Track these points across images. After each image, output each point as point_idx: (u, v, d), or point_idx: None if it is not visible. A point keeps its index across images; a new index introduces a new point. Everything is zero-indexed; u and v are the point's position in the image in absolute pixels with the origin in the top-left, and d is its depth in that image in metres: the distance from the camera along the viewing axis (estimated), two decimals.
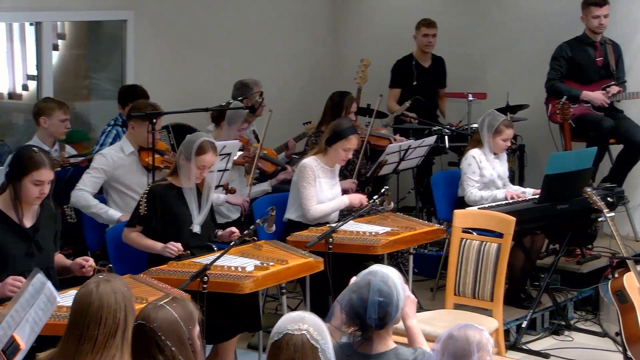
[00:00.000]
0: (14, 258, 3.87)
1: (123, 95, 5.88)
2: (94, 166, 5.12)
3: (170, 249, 4.44)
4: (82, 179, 5.10)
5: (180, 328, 2.73)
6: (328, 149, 5.28)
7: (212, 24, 7.22)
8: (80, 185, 5.07)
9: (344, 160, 5.35)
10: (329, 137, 5.30)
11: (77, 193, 5.06)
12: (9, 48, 6.75)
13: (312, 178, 5.23)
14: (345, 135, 5.24)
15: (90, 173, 5.11)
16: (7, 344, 3.08)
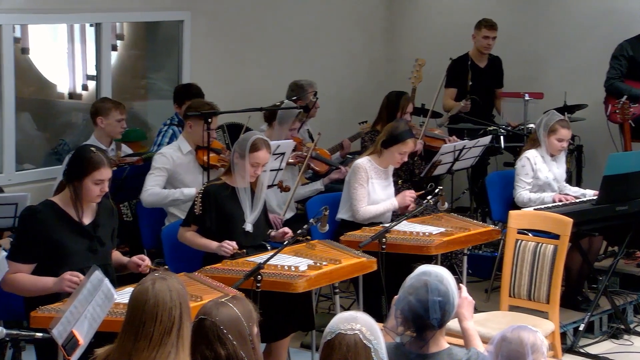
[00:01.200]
0: (74, 255, 3.93)
1: (178, 95, 5.95)
2: (155, 166, 5.19)
3: (225, 247, 4.47)
4: (147, 180, 5.15)
5: (242, 324, 2.75)
6: (383, 151, 5.27)
7: (267, 24, 7.26)
8: (147, 186, 5.13)
9: (399, 163, 5.33)
10: (385, 139, 5.28)
11: (147, 192, 5.12)
12: (69, 49, 6.88)
13: (365, 179, 5.22)
14: (402, 139, 5.21)
15: (153, 173, 5.17)
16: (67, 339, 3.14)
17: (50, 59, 6.84)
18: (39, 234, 3.89)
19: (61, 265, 3.91)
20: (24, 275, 3.89)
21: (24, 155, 6.22)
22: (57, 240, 3.91)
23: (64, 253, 3.92)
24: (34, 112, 6.58)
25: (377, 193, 5.26)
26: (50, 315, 3.53)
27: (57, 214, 3.94)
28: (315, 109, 6.28)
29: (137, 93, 7.18)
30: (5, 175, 5.86)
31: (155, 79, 7.16)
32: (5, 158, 5.86)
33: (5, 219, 4.67)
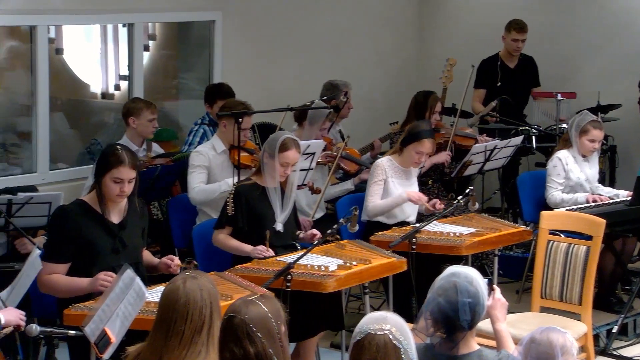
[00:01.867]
0: (101, 253, 3.97)
1: (209, 94, 5.98)
2: (194, 164, 5.21)
3: (260, 252, 4.46)
4: (190, 179, 5.17)
5: (271, 322, 2.76)
6: (403, 150, 5.24)
7: (298, 25, 7.27)
8: (193, 185, 5.16)
9: (416, 164, 5.25)
10: (404, 137, 5.26)
11: (195, 190, 5.14)
12: (102, 49, 6.94)
13: (381, 177, 5.18)
14: (419, 138, 5.15)
15: (195, 171, 5.20)
16: (99, 337, 3.18)
17: (84, 59, 6.91)
18: (70, 232, 3.93)
19: (91, 264, 3.95)
20: (60, 277, 3.92)
21: (58, 154, 6.29)
22: (87, 238, 3.95)
23: (93, 252, 3.96)
24: (67, 112, 6.65)
25: (397, 192, 5.21)
26: (83, 313, 3.56)
27: (87, 212, 3.98)
28: (348, 110, 6.26)
29: (169, 93, 7.23)
30: (39, 174, 5.93)
31: (187, 78, 7.21)
32: (39, 157, 5.93)
33: (39, 217, 4.73)
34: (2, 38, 6.26)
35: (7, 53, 6.28)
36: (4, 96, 6.34)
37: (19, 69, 6.20)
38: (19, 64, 6.19)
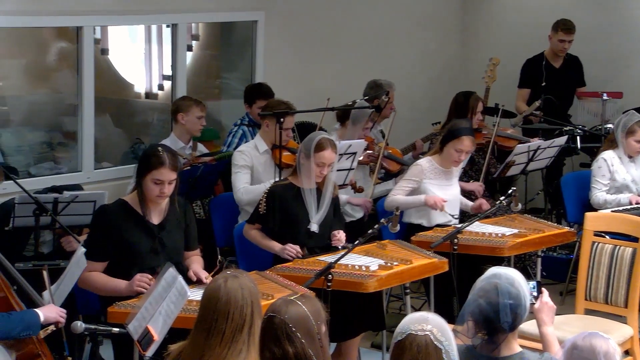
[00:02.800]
0: (141, 254, 4.00)
1: (249, 94, 6.01)
2: (238, 164, 5.23)
3: (289, 251, 4.47)
4: (235, 180, 5.20)
5: (310, 322, 2.76)
6: (442, 149, 5.20)
7: (341, 25, 7.27)
8: (238, 185, 5.18)
9: (456, 162, 5.20)
10: (444, 136, 5.22)
11: (241, 191, 5.16)
12: (146, 49, 7.01)
13: (415, 178, 5.15)
14: (457, 135, 5.09)
15: (239, 172, 5.22)
16: (142, 335, 3.21)
17: (128, 59, 6.98)
18: (109, 232, 3.98)
19: (130, 265, 3.98)
20: (99, 275, 3.98)
21: (102, 154, 6.37)
22: (126, 238, 3.99)
23: (132, 252, 3.99)
24: (112, 112, 6.73)
25: (434, 193, 5.17)
26: (126, 311, 3.60)
27: (127, 212, 4.02)
28: (389, 110, 6.24)
29: (211, 93, 7.27)
30: (84, 173, 6.01)
31: (229, 78, 7.25)
32: (84, 157, 6.00)
33: (84, 216, 4.79)
34: (50, 39, 6.36)
35: (56, 54, 6.38)
36: (51, 96, 6.44)
37: (66, 70, 6.30)
38: (66, 65, 6.28)
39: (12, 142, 6.04)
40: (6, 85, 6.24)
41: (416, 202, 5.14)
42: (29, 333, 3.51)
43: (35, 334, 3.55)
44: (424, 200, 5.09)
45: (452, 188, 5.28)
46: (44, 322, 3.56)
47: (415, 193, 5.20)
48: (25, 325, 3.50)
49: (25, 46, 6.34)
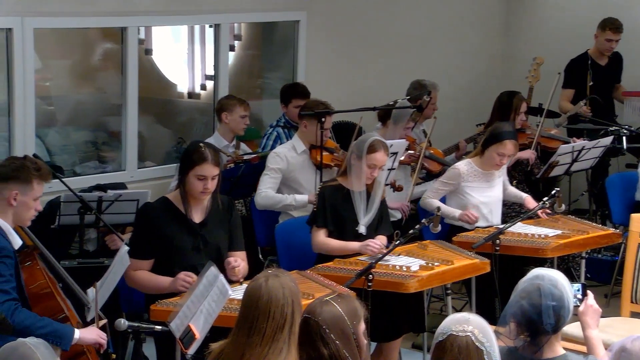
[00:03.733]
0: (182, 251, 4.02)
1: (285, 94, 6.03)
2: (270, 166, 5.26)
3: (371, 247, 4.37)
4: (262, 180, 5.23)
5: (345, 323, 2.76)
6: (484, 152, 5.15)
7: (383, 24, 7.25)
8: (262, 187, 5.21)
9: (498, 166, 5.14)
10: (485, 139, 5.17)
11: (260, 195, 5.20)
12: (189, 50, 7.07)
13: (452, 182, 5.13)
14: (500, 139, 5.04)
15: (268, 174, 5.25)
16: (184, 333, 3.24)
17: (171, 59, 7.05)
18: (152, 230, 4.01)
19: (172, 262, 4.01)
20: (144, 273, 4.02)
21: (146, 153, 6.44)
22: (168, 236, 4.01)
23: (174, 250, 4.02)
24: (155, 111, 6.80)
25: (473, 197, 5.13)
26: (169, 309, 3.64)
27: (170, 210, 4.04)
28: (431, 110, 6.21)
29: (253, 92, 7.30)
30: (127, 172, 6.08)
31: (271, 78, 7.27)
32: (128, 156, 6.07)
33: (127, 214, 4.84)
34: (96, 40, 6.45)
35: (101, 54, 6.47)
36: (96, 96, 6.52)
37: (111, 70, 6.38)
38: (111, 65, 6.36)
39: (58, 141, 6.13)
40: (53, 85, 6.33)
41: (449, 215, 5.11)
42: (56, 341, 3.48)
43: (63, 347, 3.53)
44: (457, 217, 5.07)
45: (493, 190, 5.23)
46: (78, 341, 3.55)
47: (453, 196, 5.17)
48: (53, 331, 3.49)
49: (71, 47, 6.43)
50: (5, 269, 3.45)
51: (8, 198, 3.54)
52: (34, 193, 3.59)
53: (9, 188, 3.54)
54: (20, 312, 3.43)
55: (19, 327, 3.39)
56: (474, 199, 5.15)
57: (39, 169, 3.60)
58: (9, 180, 3.54)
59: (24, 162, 3.60)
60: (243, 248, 4.22)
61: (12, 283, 3.48)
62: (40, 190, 3.63)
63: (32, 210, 3.62)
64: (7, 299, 3.41)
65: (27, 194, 3.56)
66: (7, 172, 3.56)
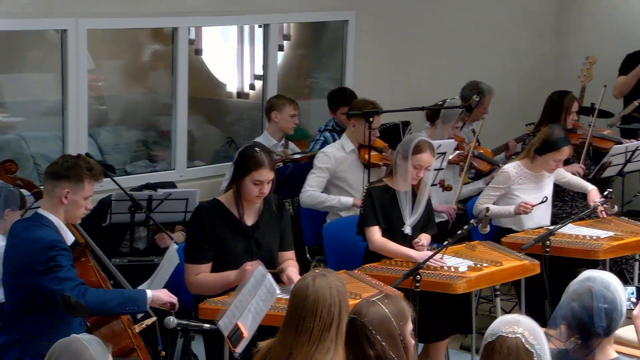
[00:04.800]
0: (235, 255, 4.03)
1: (332, 100, 6.04)
2: (317, 165, 5.27)
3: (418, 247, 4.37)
4: (308, 179, 5.25)
5: (391, 324, 2.76)
6: (537, 158, 5.08)
7: (432, 24, 7.22)
8: (307, 186, 5.23)
9: (552, 170, 5.11)
10: (539, 146, 5.09)
11: (305, 194, 5.22)
12: (239, 49, 7.12)
13: (502, 185, 5.08)
14: (557, 147, 5.00)
15: (315, 173, 5.26)
16: (232, 331, 3.26)
17: (221, 59, 7.10)
18: (206, 233, 4.01)
19: (225, 265, 4.01)
20: (208, 275, 4.00)
21: (195, 152, 6.50)
22: (221, 239, 4.02)
23: (227, 252, 4.02)
24: (204, 111, 6.86)
25: (522, 199, 5.05)
26: (217, 308, 3.66)
27: (222, 213, 4.05)
28: (481, 113, 6.15)
29: (302, 92, 7.32)
30: (177, 171, 6.14)
31: (319, 78, 7.28)
32: (177, 155, 6.13)
33: (177, 213, 4.90)
34: (147, 40, 6.53)
35: (151, 54, 6.55)
36: (147, 96, 6.60)
37: (161, 70, 6.45)
38: (162, 65, 6.43)
39: (110, 140, 6.22)
40: (105, 85, 6.43)
41: (505, 213, 5.07)
42: (132, 307, 3.57)
43: (141, 309, 3.61)
44: (513, 212, 5.03)
45: (542, 192, 5.16)
46: (153, 300, 3.60)
47: (503, 199, 5.12)
48: (126, 299, 3.56)
49: (123, 47, 6.53)
50: (64, 260, 3.52)
51: (60, 196, 3.60)
52: (85, 192, 3.64)
53: (61, 186, 3.60)
54: (89, 293, 3.49)
55: (93, 306, 3.46)
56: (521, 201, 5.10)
57: (91, 169, 3.65)
58: (62, 179, 3.60)
59: (77, 161, 3.65)
60: (293, 248, 4.22)
61: (73, 271, 3.55)
62: (91, 189, 3.68)
63: (82, 209, 3.67)
64: (75, 285, 3.48)
65: (78, 193, 3.61)
66: (60, 171, 3.62)
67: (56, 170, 3.62)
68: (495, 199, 5.12)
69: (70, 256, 3.57)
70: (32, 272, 3.50)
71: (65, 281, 3.47)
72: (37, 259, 3.49)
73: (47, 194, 3.64)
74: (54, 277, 3.47)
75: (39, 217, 3.61)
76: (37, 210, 3.69)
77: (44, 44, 5.93)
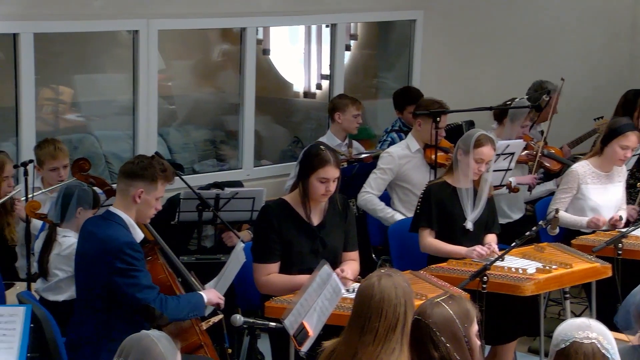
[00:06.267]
0: (301, 254, 4.04)
1: (398, 100, 6.02)
2: (381, 166, 5.25)
3: (479, 253, 4.34)
4: (369, 180, 5.24)
5: (455, 325, 2.73)
6: (604, 150, 4.96)
7: (502, 22, 7.12)
8: (367, 188, 5.22)
9: (621, 161, 4.96)
10: (605, 135, 4.98)
11: (364, 196, 5.21)
12: (306, 49, 7.15)
13: (570, 185, 4.98)
14: (622, 132, 4.87)
15: (376, 174, 5.24)
16: (298, 330, 3.27)
17: (288, 59, 7.14)
18: (274, 232, 4.02)
19: (290, 265, 4.03)
20: (278, 276, 4.01)
21: (262, 151, 6.55)
22: (287, 239, 4.03)
23: (292, 252, 4.03)
24: (271, 111, 6.91)
25: (591, 199, 4.97)
26: (283, 306, 3.68)
27: (288, 212, 4.05)
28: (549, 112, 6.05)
29: (368, 92, 7.32)
30: (244, 170, 6.20)
31: (386, 78, 7.26)
32: (244, 154, 6.19)
33: (243, 212, 4.94)
34: (215, 40, 6.61)
35: (220, 54, 6.62)
36: (216, 95, 6.68)
37: (230, 70, 6.52)
38: (230, 65, 6.50)
39: (179, 139, 6.31)
40: (174, 85, 6.53)
41: (577, 224, 4.99)
42: (196, 314, 3.71)
43: (201, 314, 3.74)
44: (585, 225, 4.94)
45: (612, 192, 5.05)
46: (207, 304, 3.73)
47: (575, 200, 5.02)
48: (193, 306, 3.68)
49: (192, 47, 6.62)
50: (142, 264, 3.60)
51: (133, 195, 3.66)
52: (157, 192, 3.70)
53: (135, 185, 3.66)
54: (168, 303, 3.59)
55: (172, 316, 3.58)
56: (592, 202, 5.00)
57: (164, 170, 3.72)
58: (136, 178, 3.66)
59: (151, 162, 3.72)
60: (357, 248, 4.21)
61: (149, 276, 3.63)
62: (162, 190, 3.74)
63: (153, 209, 3.73)
64: (156, 295, 3.57)
65: (151, 193, 3.68)
66: (135, 170, 3.68)
67: (131, 170, 3.69)
68: (567, 202, 5.02)
69: (142, 257, 3.64)
70: (105, 269, 3.57)
71: (146, 289, 3.55)
72: (112, 257, 3.56)
73: (121, 192, 3.71)
74: (134, 283, 3.54)
75: (111, 215, 3.69)
76: (108, 208, 3.76)
77: (116, 45, 6.05)
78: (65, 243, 4.10)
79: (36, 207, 4.23)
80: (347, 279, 3.91)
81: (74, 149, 5.68)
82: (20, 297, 3.95)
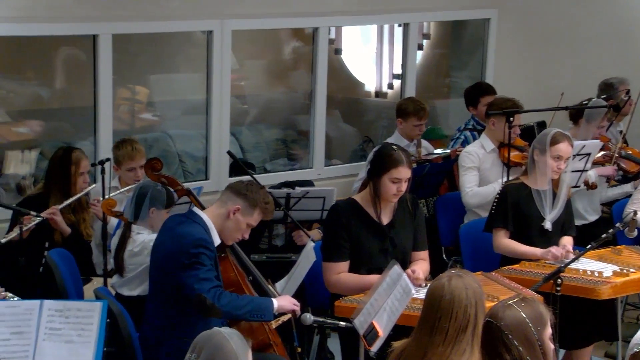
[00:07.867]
0: (371, 254, 4.02)
1: (469, 96, 5.94)
2: (466, 166, 5.19)
3: (553, 253, 4.27)
4: (463, 181, 5.16)
5: (528, 328, 2.69)
6: None
7: (578, 20, 6.98)
8: (466, 187, 5.15)
9: None
10: None
11: (468, 195, 5.13)
12: (378, 49, 7.14)
13: None
14: None
15: (466, 173, 5.19)
16: (368, 330, 3.26)
17: (360, 58, 7.14)
18: (344, 231, 4.01)
19: (359, 264, 4.01)
20: (349, 276, 4.00)
21: (332, 151, 6.56)
22: (356, 238, 4.01)
23: (362, 252, 4.02)
24: (342, 110, 6.91)
25: None
26: (353, 306, 3.67)
27: (357, 212, 4.04)
28: (629, 107, 5.91)
29: (440, 92, 7.26)
30: (315, 169, 6.22)
31: (459, 77, 7.20)
32: (315, 153, 6.21)
33: (314, 211, 4.95)
34: (287, 40, 6.65)
35: (291, 54, 6.66)
36: (287, 94, 6.72)
37: (301, 69, 6.55)
38: (302, 64, 6.53)
39: (251, 138, 6.37)
40: (247, 84, 6.59)
41: None
42: (259, 316, 3.66)
43: (267, 319, 3.71)
44: None
45: None
46: (278, 310, 3.71)
47: None
48: (255, 307, 3.65)
49: (264, 47, 6.67)
50: (206, 259, 3.63)
51: (229, 209, 3.74)
52: (251, 219, 3.78)
53: (235, 201, 3.75)
54: (224, 297, 3.60)
55: (226, 310, 3.58)
56: None
57: (267, 202, 3.82)
58: (240, 196, 3.76)
59: (260, 190, 3.84)
60: (426, 247, 4.18)
61: (213, 271, 3.66)
62: (257, 220, 3.80)
63: (239, 234, 3.79)
64: (212, 287, 3.59)
65: (246, 216, 3.76)
66: (241, 189, 3.79)
67: (239, 188, 3.80)
68: None
69: (213, 256, 3.68)
70: (175, 265, 3.63)
71: (203, 281, 3.58)
72: (182, 253, 3.61)
73: (219, 202, 3.80)
74: (194, 274, 3.58)
75: (192, 215, 3.76)
76: (192, 208, 3.83)
77: (191, 45, 6.14)
78: (138, 240, 4.18)
79: (112, 205, 4.32)
80: (419, 279, 3.89)
81: (149, 147, 5.78)
82: (97, 293, 4.04)
